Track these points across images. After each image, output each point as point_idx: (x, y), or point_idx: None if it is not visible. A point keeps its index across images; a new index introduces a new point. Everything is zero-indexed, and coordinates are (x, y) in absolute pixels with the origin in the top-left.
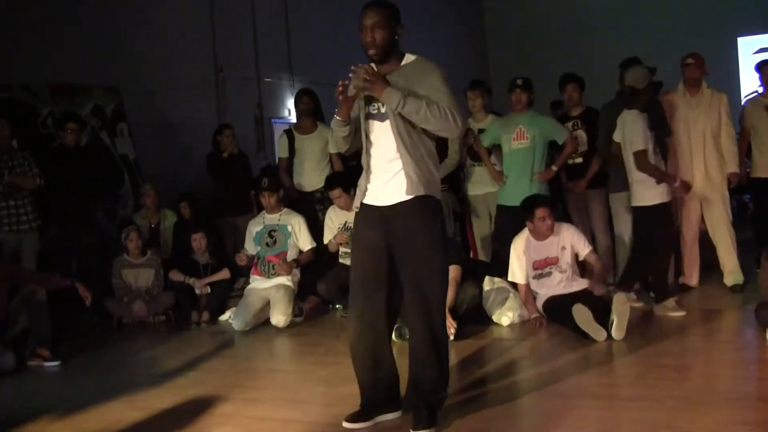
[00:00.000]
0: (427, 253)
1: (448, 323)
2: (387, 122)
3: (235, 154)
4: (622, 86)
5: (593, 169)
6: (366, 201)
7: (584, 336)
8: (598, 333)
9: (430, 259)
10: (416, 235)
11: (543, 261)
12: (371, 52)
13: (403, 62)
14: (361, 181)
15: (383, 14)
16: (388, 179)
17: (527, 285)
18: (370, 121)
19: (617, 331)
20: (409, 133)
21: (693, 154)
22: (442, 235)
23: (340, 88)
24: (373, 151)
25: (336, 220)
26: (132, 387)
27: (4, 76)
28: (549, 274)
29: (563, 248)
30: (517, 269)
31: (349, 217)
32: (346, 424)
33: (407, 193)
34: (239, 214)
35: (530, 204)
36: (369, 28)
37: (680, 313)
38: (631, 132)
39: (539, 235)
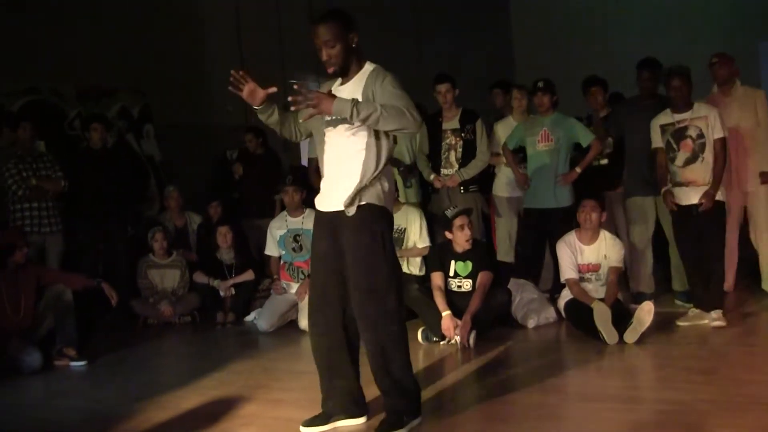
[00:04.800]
0: (368, 265)
1: (459, 331)
2: (339, 127)
3: (259, 154)
4: (640, 87)
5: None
6: (318, 207)
7: (596, 336)
8: (611, 335)
9: (371, 271)
10: (357, 248)
11: (586, 266)
12: (330, 70)
13: (362, 72)
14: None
15: (333, 29)
16: (335, 185)
17: (577, 280)
18: (328, 127)
19: (630, 334)
20: (366, 140)
21: (732, 154)
22: (384, 244)
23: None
24: (326, 156)
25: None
26: (157, 387)
27: (32, 79)
28: (588, 280)
29: (605, 257)
30: (567, 265)
31: (401, 221)
32: (302, 428)
33: (345, 203)
34: (263, 216)
35: (580, 197)
36: (322, 46)
37: (722, 323)
38: None
39: (586, 235)
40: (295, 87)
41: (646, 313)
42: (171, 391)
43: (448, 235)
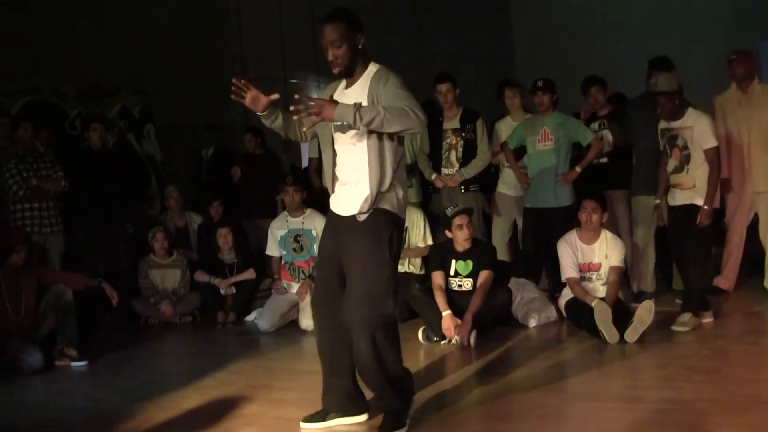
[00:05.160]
0: (368, 268)
1: (459, 330)
2: (346, 129)
3: (258, 154)
4: (648, 85)
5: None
6: (331, 207)
7: (596, 336)
8: (611, 334)
9: (371, 275)
10: (360, 249)
11: (587, 265)
12: (335, 70)
13: (366, 73)
14: (328, 186)
15: (340, 29)
16: (346, 189)
17: (578, 279)
18: (336, 132)
19: (631, 334)
20: (375, 144)
21: (744, 152)
22: (388, 249)
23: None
24: (335, 159)
25: None
26: (158, 387)
27: (33, 78)
28: (589, 279)
29: (606, 256)
30: (568, 264)
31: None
32: (302, 424)
33: (359, 210)
34: (263, 216)
35: (581, 197)
36: (329, 46)
37: (685, 329)
38: None
39: (587, 235)
40: (296, 96)
41: (646, 312)
42: (172, 390)
43: (448, 234)
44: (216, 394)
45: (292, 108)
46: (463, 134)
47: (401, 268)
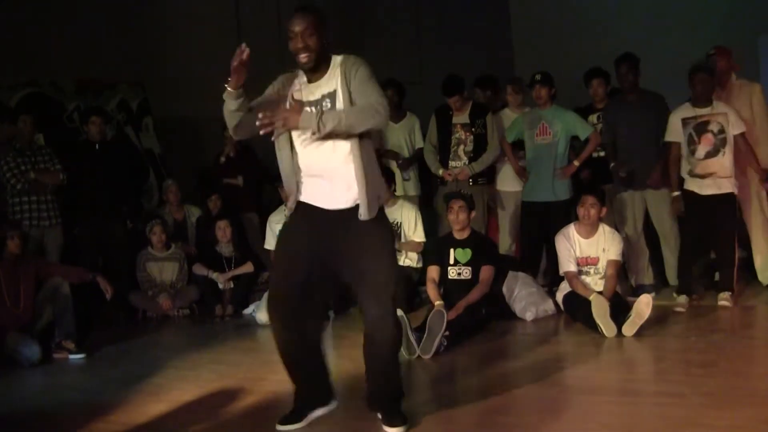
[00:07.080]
0: (379, 260)
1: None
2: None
3: (237, 152)
4: (620, 82)
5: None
6: (318, 204)
7: (594, 329)
8: (609, 328)
9: (383, 267)
10: (368, 247)
11: (584, 259)
12: (304, 57)
13: (333, 64)
14: (290, 181)
15: (313, 20)
16: (331, 183)
17: (576, 273)
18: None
19: (629, 327)
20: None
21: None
22: (388, 245)
23: (244, 55)
24: (308, 151)
25: None
26: (156, 380)
27: (31, 71)
28: (587, 273)
29: (604, 250)
30: (566, 258)
31: (396, 215)
32: (279, 427)
33: (365, 210)
34: (251, 210)
35: (580, 191)
36: (299, 34)
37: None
38: None
39: (585, 229)
40: (259, 115)
41: (644, 305)
42: (170, 383)
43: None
44: (214, 386)
45: (258, 123)
46: (473, 129)
47: (398, 262)
